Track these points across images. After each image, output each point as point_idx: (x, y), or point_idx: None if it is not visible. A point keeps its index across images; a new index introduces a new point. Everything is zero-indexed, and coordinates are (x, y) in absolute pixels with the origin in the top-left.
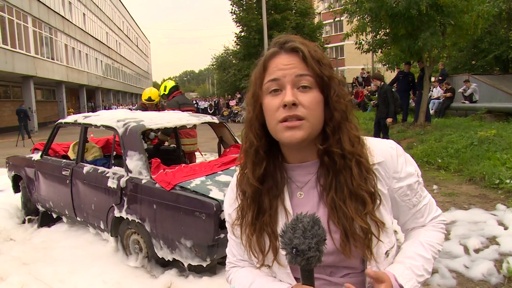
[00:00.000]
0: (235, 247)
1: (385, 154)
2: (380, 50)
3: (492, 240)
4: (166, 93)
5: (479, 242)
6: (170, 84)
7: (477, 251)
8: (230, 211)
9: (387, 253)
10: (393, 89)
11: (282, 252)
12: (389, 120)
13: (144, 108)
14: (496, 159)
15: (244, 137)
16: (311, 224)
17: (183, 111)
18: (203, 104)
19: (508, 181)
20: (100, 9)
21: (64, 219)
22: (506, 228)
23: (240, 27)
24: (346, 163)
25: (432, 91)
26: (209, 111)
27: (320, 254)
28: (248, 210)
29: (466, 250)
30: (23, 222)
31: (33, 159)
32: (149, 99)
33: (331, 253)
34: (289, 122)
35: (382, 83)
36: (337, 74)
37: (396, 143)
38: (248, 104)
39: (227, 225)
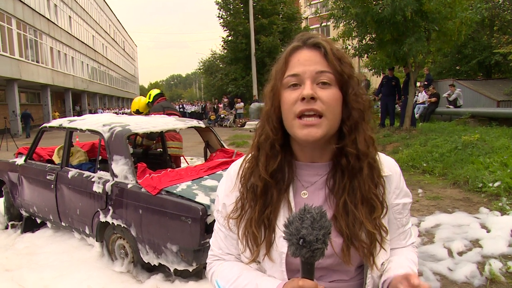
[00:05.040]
0: (223, 239)
1: (392, 169)
2: (366, 55)
3: (475, 243)
4: (150, 100)
5: (462, 245)
6: (155, 92)
7: (460, 254)
8: (225, 201)
9: (383, 264)
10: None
11: (284, 245)
12: None
13: None
14: (479, 163)
15: (259, 130)
16: (319, 216)
17: (167, 114)
18: (190, 108)
19: (490, 184)
20: (86, 12)
21: (49, 224)
22: (488, 231)
23: (227, 31)
24: (360, 164)
25: (417, 96)
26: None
27: (325, 247)
28: (253, 204)
29: (450, 253)
30: (6, 228)
31: (16, 163)
32: (137, 111)
33: (329, 256)
34: (306, 120)
35: None
36: (357, 74)
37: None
38: (267, 97)
39: (216, 215)
